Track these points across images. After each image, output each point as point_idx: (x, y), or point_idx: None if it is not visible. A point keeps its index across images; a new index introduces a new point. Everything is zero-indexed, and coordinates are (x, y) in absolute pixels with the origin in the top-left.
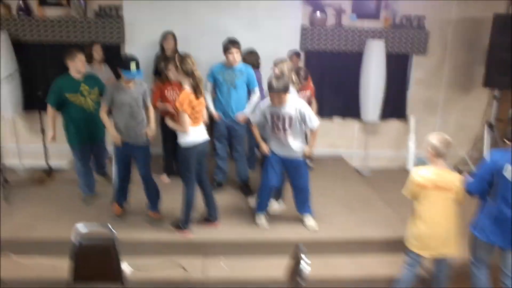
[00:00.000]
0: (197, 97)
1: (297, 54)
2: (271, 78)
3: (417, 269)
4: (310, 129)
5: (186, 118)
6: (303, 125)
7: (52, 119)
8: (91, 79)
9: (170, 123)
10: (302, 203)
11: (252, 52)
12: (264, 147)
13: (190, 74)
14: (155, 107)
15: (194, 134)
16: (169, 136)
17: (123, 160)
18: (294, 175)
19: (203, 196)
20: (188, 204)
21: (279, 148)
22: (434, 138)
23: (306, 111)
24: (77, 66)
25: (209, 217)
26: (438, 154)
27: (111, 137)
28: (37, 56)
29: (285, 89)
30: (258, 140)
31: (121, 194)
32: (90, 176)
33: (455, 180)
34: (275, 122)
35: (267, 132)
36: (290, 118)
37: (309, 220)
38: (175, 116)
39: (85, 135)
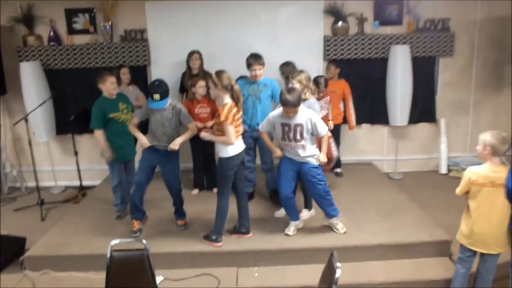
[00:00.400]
0: (238, 110)
1: (333, 63)
2: (284, 92)
3: (471, 265)
4: (320, 136)
5: (232, 130)
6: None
7: (104, 140)
8: (123, 97)
9: (210, 136)
10: (326, 207)
11: (288, 64)
12: (277, 151)
13: (229, 88)
14: None
15: (237, 144)
16: (198, 151)
17: (145, 167)
18: (309, 183)
19: (238, 207)
20: (222, 215)
21: (290, 154)
22: (491, 136)
23: (316, 120)
24: (108, 88)
25: (242, 228)
26: (496, 152)
27: (139, 142)
28: (68, 82)
29: (299, 102)
30: (269, 145)
31: (136, 208)
32: (125, 191)
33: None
34: (286, 133)
35: (277, 141)
36: (302, 128)
37: (338, 224)
38: (213, 131)
39: (126, 150)
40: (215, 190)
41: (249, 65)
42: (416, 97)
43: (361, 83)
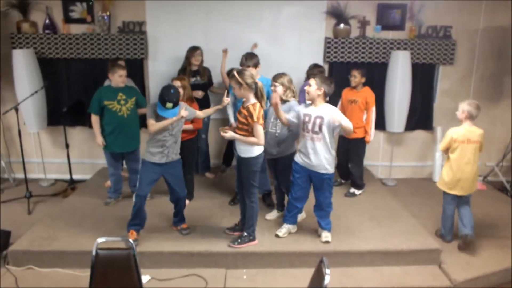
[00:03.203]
0: (262, 107)
1: (359, 70)
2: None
3: (455, 206)
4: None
5: (262, 131)
6: (332, 134)
7: (97, 126)
8: (130, 89)
9: (236, 136)
10: (320, 218)
11: (318, 66)
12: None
13: (253, 86)
14: None
15: None
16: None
17: (150, 181)
18: (317, 188)
19: (244, 207)
20: (256, 213)
21: (306, 157)
22: (468, 104)
23: (336, 115)
24: (116, 80)
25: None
26: (471, 116)
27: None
28: (62, 72)
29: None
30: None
31: (142, 218)
32: (120, 182)
33: (480, 134)
34: (306, 123)
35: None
36: (322, 121)
37: (326, 237)
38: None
39: (118, 141)
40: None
41: (241, 64)
42: (414, 104)
43: None
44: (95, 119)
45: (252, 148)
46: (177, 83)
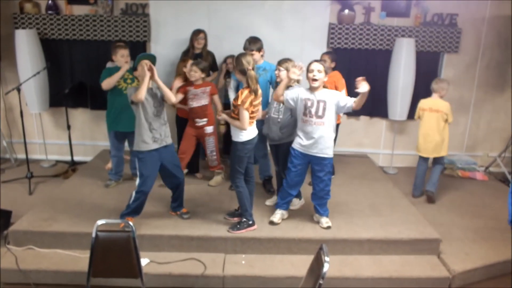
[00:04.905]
0: (257, 96)
1: (329, 55)
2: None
3: (424, 167)
4: (351, 105)
5: (247, 116)
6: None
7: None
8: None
9: (226, 117)
10: (319, 206)
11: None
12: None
13: (244, 73)
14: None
15: (250, 130)
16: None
17: (155, 173)
18: (317, 175)
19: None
20: (244, 197)
21: (308, 142)
22: (434, 81)
23: (339, 96)
24: (119, 61)
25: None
26: (433, 90)
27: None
28: (65, 53)
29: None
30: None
31: (141, 208)
32: (121, 164)
33: (444, 106)
34: (309, 108)
35: (297, 120)
36: (325, 105)
37: (327, 222)
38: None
39: (122, 120)
40: (198, 175)
41: (245, 48)
42: (417, 92)
43: (363, 74)
44: (106, 82)
45: (240, 133)
46: (190, 63)
